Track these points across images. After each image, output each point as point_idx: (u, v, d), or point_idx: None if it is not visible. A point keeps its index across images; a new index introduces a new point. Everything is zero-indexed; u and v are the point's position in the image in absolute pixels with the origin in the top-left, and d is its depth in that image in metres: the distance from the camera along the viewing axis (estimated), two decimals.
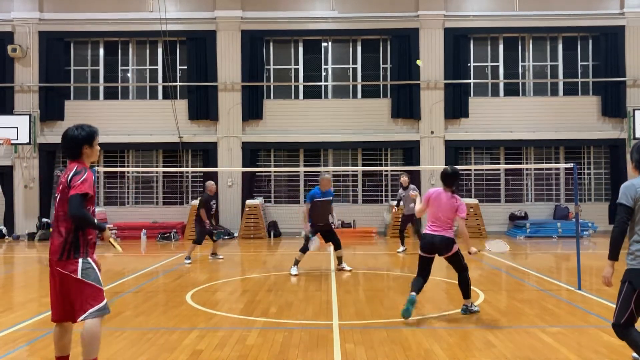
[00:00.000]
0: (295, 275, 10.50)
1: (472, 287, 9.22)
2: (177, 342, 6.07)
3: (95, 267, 4.50)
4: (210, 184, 13.32)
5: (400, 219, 14.63)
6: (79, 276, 4.36)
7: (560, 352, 5.63)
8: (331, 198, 10.89)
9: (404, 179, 14.22)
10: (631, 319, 4.56)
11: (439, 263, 12.26)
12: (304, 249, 10.66)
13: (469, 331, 6.47)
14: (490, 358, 5.45)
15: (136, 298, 8.64)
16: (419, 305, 7.92)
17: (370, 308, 7.69)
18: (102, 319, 4.49)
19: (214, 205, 13.26)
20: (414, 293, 6.97)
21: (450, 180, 7.22)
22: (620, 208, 4.49)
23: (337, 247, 11.02)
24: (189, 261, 12.46)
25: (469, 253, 7.12)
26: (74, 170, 4.45)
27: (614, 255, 4.54)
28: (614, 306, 4.66)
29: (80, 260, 4.41)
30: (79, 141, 4.54)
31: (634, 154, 4.65)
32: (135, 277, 10.69)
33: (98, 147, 4.70)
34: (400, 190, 14.30)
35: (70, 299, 4.41)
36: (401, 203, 14.18)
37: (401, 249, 14.22)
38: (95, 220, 4.52)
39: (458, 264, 7.21)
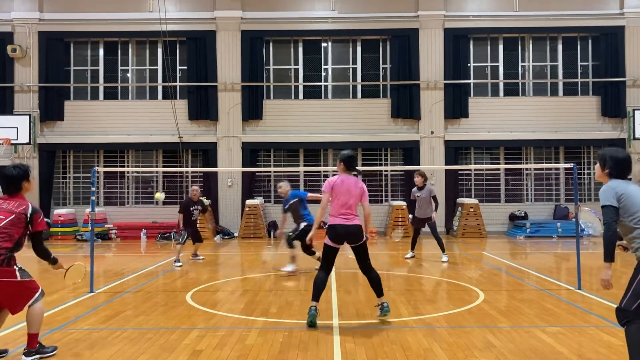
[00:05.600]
0: None
1: (472, 287, 9.28)
2: (177, 342, 6.07)
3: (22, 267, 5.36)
4: (193, 188, 12.70)
5: (412, 223, 13.35)
6: (19, 279, 5.23)
7: (560, 352, 5.63)
8: None
9: (418, 179, 12.45)
10: None
11: (437, 263, 12.27)
12: None
13: (469, 331, 6.46)
14: (490, 358, 5.45)
15: (136, 298, 8.64)
16: (419, 305, 7.93)
17: (370, 308, 7.66)
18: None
19: (196, 212, 12.53)
20: (315, 304, 6.67)
21: (354, 163, 7.02)
22: (607, 210, 4.55)
23: None
24: (179, 264, 12.12)
25: (365, 238, 6.99)
26: (29, 206, 5.34)
27: (611, 257, 4.56)
28: (615, 306, 4.65)
29: (15, 267, 5.24)
30: (18, 178, 5.37)
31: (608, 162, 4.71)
32: (135, 277, 10.68)
33: (34, 181, 5.60)
34: (415, 190, 12.56)
35: (10, 297, 5.22)
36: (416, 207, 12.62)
37: (409, 254, 13.01)
38: (51, 255, 5.53)
39: (366, 253, 6.98)
